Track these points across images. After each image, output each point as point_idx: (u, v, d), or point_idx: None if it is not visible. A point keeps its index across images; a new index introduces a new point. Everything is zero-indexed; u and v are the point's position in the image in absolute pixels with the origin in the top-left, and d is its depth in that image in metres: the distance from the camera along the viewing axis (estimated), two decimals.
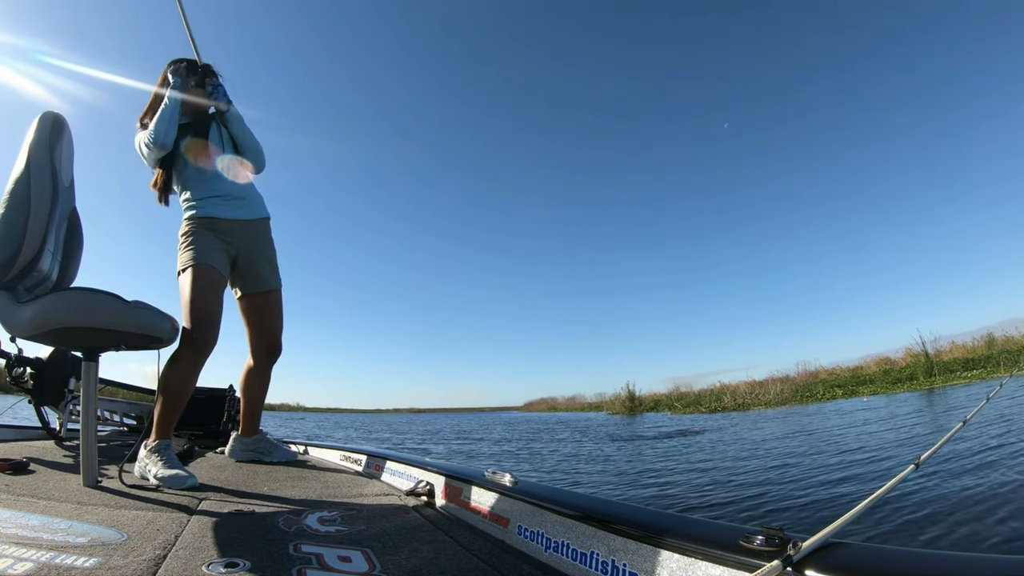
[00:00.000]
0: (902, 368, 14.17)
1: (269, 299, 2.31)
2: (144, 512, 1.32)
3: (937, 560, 0.65)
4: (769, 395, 14.20)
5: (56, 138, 1.67)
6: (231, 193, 2.16)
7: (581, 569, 1.02)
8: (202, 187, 2.12)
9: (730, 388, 16.86)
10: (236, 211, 2.16)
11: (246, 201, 2.22)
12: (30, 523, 1.12)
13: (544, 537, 1.16)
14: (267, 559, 1.02)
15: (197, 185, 2.12)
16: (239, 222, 2.16)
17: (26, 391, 2.68)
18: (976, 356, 13.19)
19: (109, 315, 1.57)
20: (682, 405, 16.45)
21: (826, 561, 0.65)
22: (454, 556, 1.13)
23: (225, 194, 2.14)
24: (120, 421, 3.43)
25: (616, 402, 19.39)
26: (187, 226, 2.08)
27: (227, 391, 3.33)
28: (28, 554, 0.91)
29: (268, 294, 2.31)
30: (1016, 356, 11.66)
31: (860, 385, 13.31)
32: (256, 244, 2.25)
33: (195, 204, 2.10)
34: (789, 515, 2.84)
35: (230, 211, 2.14)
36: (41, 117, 1.67)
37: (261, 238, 2.28)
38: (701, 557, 0.80)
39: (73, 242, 1.90)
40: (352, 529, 1.30)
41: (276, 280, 2.34)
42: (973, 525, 2.29)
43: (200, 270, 2.02)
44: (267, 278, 2.30)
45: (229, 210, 2.13)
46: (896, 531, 2.30)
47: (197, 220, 2.08)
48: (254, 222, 2.24)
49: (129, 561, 0.93)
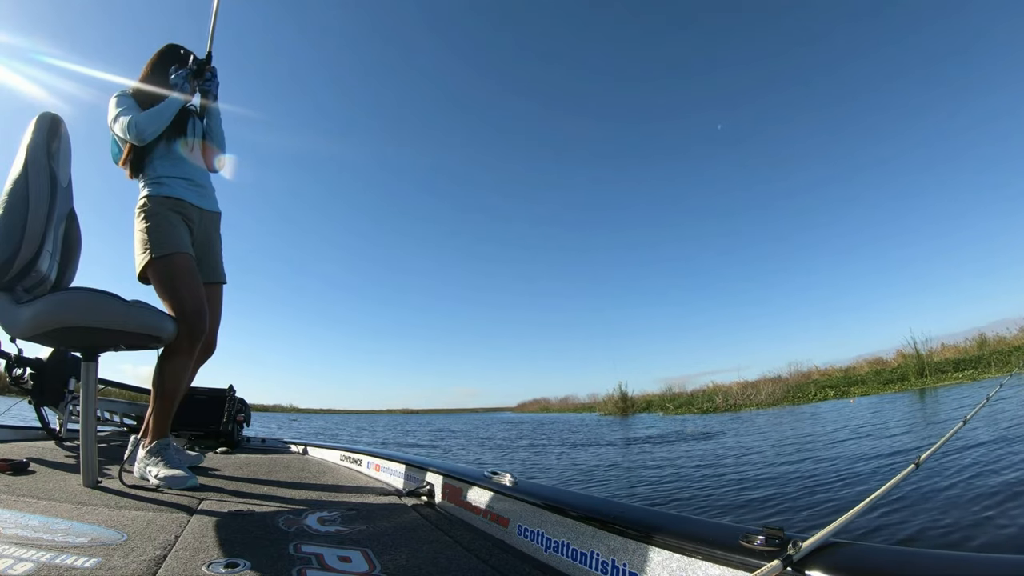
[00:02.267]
0: (893, 369, 14.23)
1: (216, 292, 2.27)
2: (144, 512, 1.32)
3: (937, 560, 0.66)
4: (761, 396, 14.22)
5: (54, 139, 1.66)
6: (196, 180, 2.14)
7: (581, 569, 1.03)
8: (170, 166, 2.07)
9: (722, 388, 16.86)
10: (199, 199, 2.14)
11: (207, 191, 2.21)
12: (30, 523, 1.12)
13: (544, 537, 1.16)
14: (267, 559, 1.02)
15: (164, 164, 2.06)
16: (200, 210, 2.14)
17: (26, 391, 2.67)
18: (967, 357, 13.26)
19: (109, 315, 1.57)
20: (674, 406, 16.42)
21: (826, 561, 0.66)
22: (454, 556, 1.14)
23: (191, 179, 2.12)
24: (120, 421, 3.42)
25: (608, 403, 19.30)
26: (152, 204, 1.99)
27: (227, 391, 3.33)
28: (28, 554, 0.91)
29: (216, 286, 2.27)
30: (1007, 356, 11.76)
31: (852, 386, 13.34)
32: (212, 235, 2.24)
33: (161, 181, 2.03)
34: (788, 515, 2.86)
35: (195, 198, 2.11)
36: (39, 118, 1.66)
37: (216, 231, 2.27)
38: (701, 557, 0.80)
39: (72, 243, 1.89)
40: (352, 529, 1.30)
41: (224, 274, 2.31)
42: (973, 525, 2.30)
43: (185, 259, 1.98)
44: (219, 269, 2.27)
45: (194, 197, 2.11)
46: (896, 531, 2.31)
47: (163, 200, 2.01)
48: (212, 214, 2.22)
49: (129, 561, 0.93)
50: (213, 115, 2.26)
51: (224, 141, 2.31)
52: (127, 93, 2.05)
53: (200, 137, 2.23)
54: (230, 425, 3.23)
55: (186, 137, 2.13)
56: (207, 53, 2.19)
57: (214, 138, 2.26)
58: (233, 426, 3.24)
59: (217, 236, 2.28)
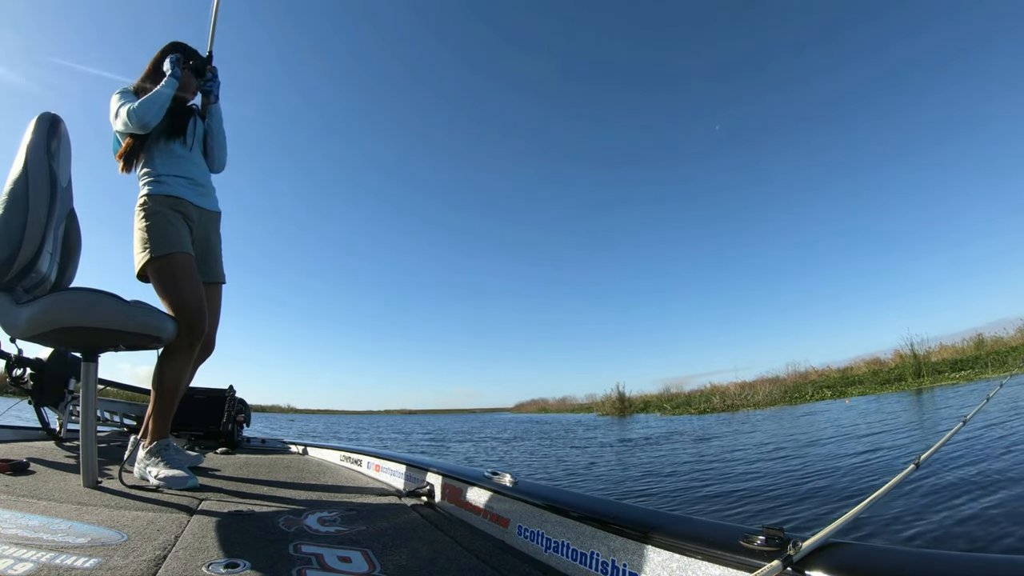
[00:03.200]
0: (891, 369, 14.25)
1: (215, 291, 2.27)
2: (144, 512, 1.32)
3: (937, 560, 0.66)
4: (758, 396, 14.24)
5: (53, 138, 1.66)
6: (196, 179, 2.14)
7: (581, 569, 1.03)
8: (169, 164, 2.06)
9: (720, 389, 16.89)
10: (199, 198, 2.13)
11: (207, 190, 2.20)
12: (30, 523, 1.12)
13: (544, 537, 1.16)
14: (267, 559, 1.02)
15: (164, 162, 2.06)
16: (200, 209, 2.14)
17: (26, 392, 2.66)
18: (965, 357, 13.30)
19: (109, 315, 1.57)
20: (672, 406, 16.43)
21: (826, 561, 0.66)
22: (454, 556, 1.14)
23: (191, 178, 2.12)
24: (120, 422, 3.41)
25: (606, 403, 19.31)
26: (152, 203, 1.99)
27: (227, 391, 3.33)
28: (28, 554, 0.91)
29: (216, 286, 2.27)
30: (1004, 357, 11.79)
31: (849, 386, 13.34)
32: (212, 234, 2.24)
33: (161, 180, 2.03)
34: (787, 514, 2.87)
35: (195, 197, 2.11)
36: (39, 118, 1.66)
37: (215, 230, 2.27)
38: (701, 557, 0.80)
39: (71, 243, 1.89)
40: (352, 529, 1.31)
41: (223, 274, 2.31)
42: (973, 525, 2.30)
43: (185, 258, 1.98)
44: (218, 268, 2.28)
45: (194, 196, 2.11)
46: (896, 531, 2.31)
47: (163, 198, 2.00)
48: (212, 213, 2.22)
49: (129, 562, 0.93)
50: (214, 115, 2.27)
51: (225, 141, 2.31)
52: (128, 89, 2.05)
53: (201, 137, 2.23)
54: (230, 425, 3.23)
55: (186, 136, 2.13)
56: (208, 53, 2.20)
57: (215, 138, 2.27)
58: (233, 426, 3.24)
59: (217, 235, 2.27)
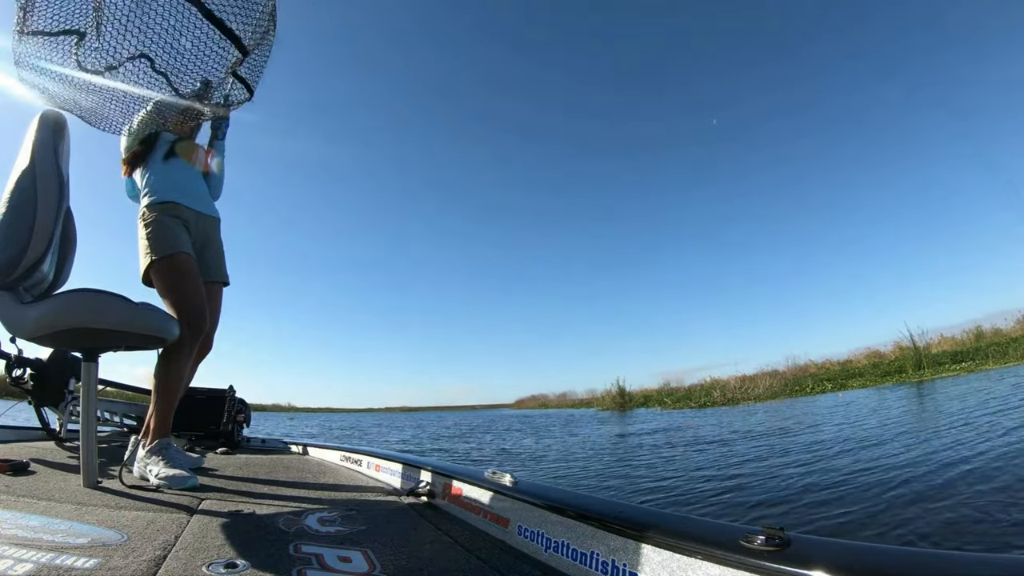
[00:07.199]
0: (891, 361, 14.21)
1: (216, 291, 2.29)
2: (144, 512, 1.32)
3: (937, 560, 0.66)
4: (759, 389, 14.22)
5: (59, 136, 1.65)
6: (191, 187, 2.20)
7: (581, 569, 1.03)
8: (166, 177, 2.13)
9: (720, 383, 16.80)
10: (195, 203, 2.18)
11: (203, 197, 2.25)
12: (30, 524, 1.12)
13: (544, 537, 1.16)
14: (267, 559, 1.02)
15: (161, 177, 2.13)
16: (196, 213, 2.18)
17: (26, 392, 2.66)
18: (965, 349, 13.29)
19: (117, 317, 1.56)
20: (672, 400, 16.40)
21: (826, 560, 0.66)
22: (454, 556, 1.14)
23: (186, 186, 2.17)
24: (120, 422, 3.42)
25: (606, 398, 19.31)
26: (151, 213, 2.06)
27: (227, 391, 3.33)
28: (28, 555, 0.91)
29: (217, 286, 2.29)
30: (1004, 348, 11.78)
31: (849, 378, 13.31)
32: (211, 235, 2.27)
33: (158, 191, 2.09)
34: (786, 514, 2.87)
35: (191, 202, 2.16)
36: (42, 116, 1.65)
37: (215, 233, 2.31)
38: (701, 557, 0.80)
39: (67, 242, 1.88)
40: (352, 529, 1.31)
41: (226, 274, 2.34)
42: (974, 524, 2.30)
43: (185, 258, 2.02)
44: (219, 267, 2.30)
45: (190, 201, 2.15)
46: (897, 531, 2.31)
47: (160, 205, 2.07)
48: (210, 218, 2.26)
49: (129, 562, 0.93)
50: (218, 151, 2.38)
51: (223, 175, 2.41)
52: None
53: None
54: (230, 425, 3.23)
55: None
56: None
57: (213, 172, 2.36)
58: (233, 426, 3.24)
59: (217, 238, 2.31)
